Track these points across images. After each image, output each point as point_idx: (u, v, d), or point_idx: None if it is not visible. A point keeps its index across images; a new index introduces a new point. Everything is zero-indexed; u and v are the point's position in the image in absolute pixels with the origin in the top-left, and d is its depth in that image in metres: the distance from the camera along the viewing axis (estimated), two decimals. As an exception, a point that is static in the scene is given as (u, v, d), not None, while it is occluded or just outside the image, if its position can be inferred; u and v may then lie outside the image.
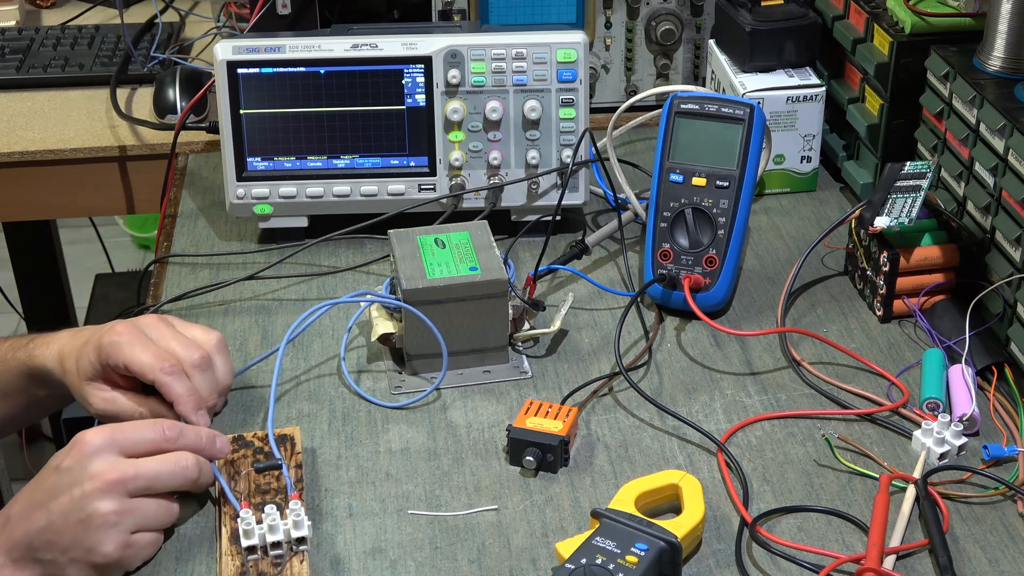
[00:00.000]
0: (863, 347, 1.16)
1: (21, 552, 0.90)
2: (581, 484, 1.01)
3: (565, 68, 1.27)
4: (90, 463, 0.90)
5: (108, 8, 1.84)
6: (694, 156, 1.20)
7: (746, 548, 0.95)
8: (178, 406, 1.01)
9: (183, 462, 0.93)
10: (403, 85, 1.27)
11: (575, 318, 1.21)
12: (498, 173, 1.30)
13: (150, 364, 1.00)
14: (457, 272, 1.11)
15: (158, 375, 1.00)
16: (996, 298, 1.12)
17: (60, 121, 1.56)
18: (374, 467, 1.03)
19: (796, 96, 1.36)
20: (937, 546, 0.93)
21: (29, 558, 0.90)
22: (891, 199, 1.17)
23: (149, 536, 0.92)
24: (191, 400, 1.01)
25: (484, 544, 0.96)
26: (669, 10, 1.54)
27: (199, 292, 1.25)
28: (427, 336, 1.09)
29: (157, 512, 0.92)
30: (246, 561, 0.91)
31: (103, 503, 0.89)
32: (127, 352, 1.00)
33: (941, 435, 1.02)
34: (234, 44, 1.26)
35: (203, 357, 1.03)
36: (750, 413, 1.08)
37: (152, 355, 1.01)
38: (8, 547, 0.91)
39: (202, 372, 1.03)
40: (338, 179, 1.30)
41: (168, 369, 1.00)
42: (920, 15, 1.27)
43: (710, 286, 1.18)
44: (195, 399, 1.01)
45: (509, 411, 1.09)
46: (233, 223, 1.37)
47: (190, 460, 0.93)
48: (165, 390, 1.00)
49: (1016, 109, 1.10)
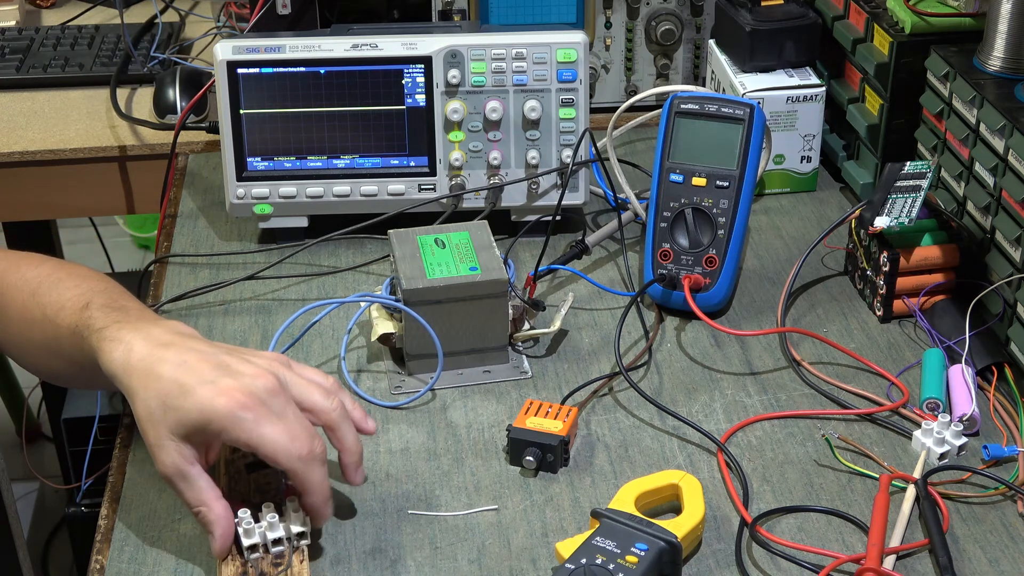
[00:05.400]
0: (863, 347, 1.16)
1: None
2: (581, 484, 1.01)
3: (565, 68, 1.27)
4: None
5: (108, 8, 1.84)
6: (694, 156, 1.20)
7: (746, 548, 0.95)
8: (311, 496, 0.91)
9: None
10: (403, 85, 1.27)
11: (575, 318, 1.21)
12: (498, 173, 1.30)
13: (285, 449, 0.88)
14: (457, 272, 1.11)
15: (295, 463, 0.89)
16: (996, 298, 1.12)
17: (60, 121, 1.56)
18: (374, 467, 1.03)
19: (796, 96, 1.36)
20: (937, 546, 0.93)
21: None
22: (891, 199, 1.17)
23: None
24: (324, 490, 0.91)
25: (484, 544, 0.96)
26: (669, 10, 1.54)
27: (199, 292, 1.25)
28: (427, 336, 1.09)
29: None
30: (246, 561, 0.91)
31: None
32: (253, 432, 0.88)
33: (941, 435, 1.02)
34: (234, 44, 1.26)
35: (340, 413, 0.94)
36: (750, 413, 1.08)
37: (286, 437, 0.89)
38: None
39: (348, 425, 0.94)
40: (338, 179, 1.30)
41: (306, 456, 0.89)
42: (920, 15, 1.27)
43: (710, 286, 1.18)
44: (327, 490, 0.92)
45: (509, 411, 1.09)
46: (233, 223, 1.37)
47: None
48: (299, 478, 0.90)
49: (1016, 109, 1.10)
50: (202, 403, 0.88)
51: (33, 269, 1.04)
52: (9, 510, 1.63)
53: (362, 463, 0.96)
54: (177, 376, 0.89)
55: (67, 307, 0.98)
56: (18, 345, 1.05)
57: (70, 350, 0.98)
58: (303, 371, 0.95)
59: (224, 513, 0.91)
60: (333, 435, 0.94)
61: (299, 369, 0.95)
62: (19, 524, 1.68)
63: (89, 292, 0.99)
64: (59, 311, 0.98)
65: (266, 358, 0.93)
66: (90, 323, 0.95)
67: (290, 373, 0.93)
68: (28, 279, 1.03)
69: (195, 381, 0.89)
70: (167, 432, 0.89)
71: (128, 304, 0.99)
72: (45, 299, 1.00)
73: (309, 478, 0.90)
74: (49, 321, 0.99)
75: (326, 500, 0.92)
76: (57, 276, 1.02)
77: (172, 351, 0.91)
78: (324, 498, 0.91)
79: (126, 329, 0.93)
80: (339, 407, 0.94)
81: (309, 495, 0.91)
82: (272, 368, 0.92)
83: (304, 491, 0.91)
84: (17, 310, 1.02)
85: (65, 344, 0.98)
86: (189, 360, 0.90)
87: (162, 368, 0.90)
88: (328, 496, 0.92)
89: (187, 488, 0.91)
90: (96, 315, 0.96)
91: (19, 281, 1.03)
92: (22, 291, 1.02)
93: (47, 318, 0.99)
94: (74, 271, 1.04)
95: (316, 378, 0.95)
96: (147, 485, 1.01)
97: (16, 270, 1.04)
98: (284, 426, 0.89)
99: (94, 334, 0.94)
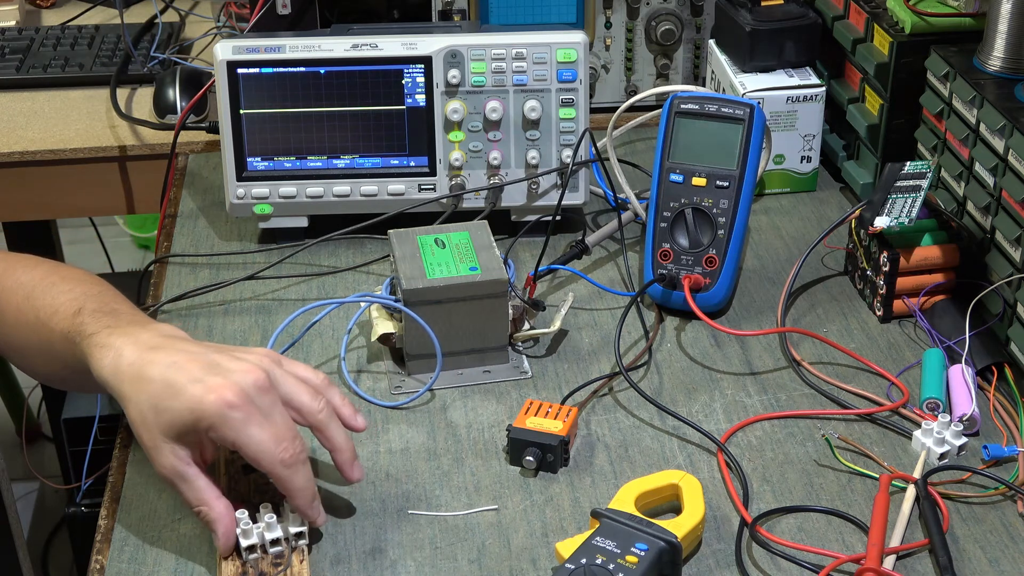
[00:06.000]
0: (863, 347, 1.16)
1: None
2: (581, 484, 1.01)
3: (565, 68, 1.27)
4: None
5: (108, 8, 1.84)
6: (694, 156, 1.20)
7: (746, 548, 0.95)
8: (294, 500, 0.91)
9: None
10: (403, 85, 1.27)
11: (575, 318, 1.21)
12: (498, 173, 1.30)
13: (268, 453, 0.88)
14: (457, 272, 1.11)
15: (277, 467, 0.89)
16: (996, 298, 1.12)
17: (60, 121, 1.56)
18: (374, 467, 1.03)
19: (796, 96, 1.36)
20: (937, 546, 0.93)
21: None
22: (891, 199, 1.17)
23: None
24: (306, 493, 0.91)
25: (484, 544, 0.96)
26: (669, 10, 1.54)
27: (199, 292, 1.25)
28: (427, 336, 1.09)
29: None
30: (245, 561, 0.91)
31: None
32: (241, 432, 0.88)
33: (941, 435, 1.02)
34: (234, 44, 1.26)
35: (328, 413, 0.93)
36: (750, 413, 1.08)
37: (271, 440, 0.89)
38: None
39: (336, 425, 0.94)
40: (338, 179, 1.30)
41: (288, 461, 0.89)
42: (920, 15, 1.27)
43: (710, 286, 1.18)
44: (311, 492, 0.91)
45: (509, 411, 1.09)
46: (233, 223, 1.37)
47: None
48: (281, 482, 0.90)
49: (1016, 109, 1.10)
50: (192, 402, 0.88)
51: (28, 272, 1.04)
52: (9, 510, 1.63)
53: (357, 459, 0.95)
54: (167, 377, 0.89)
55: (60, 312, 0.98)
56: (14, 348, 1.05)
57: (64, 355, 0.98)
58: (293, 367, 0.95)
59: (225, 511, 0.91)
60: (321, 435, 0.94)
61: (289, 366, 0.95)
62: (19, 524, 1.68)
63: (82, 296, 0.99)
64: (52, 315, 0.98)
65: (256, 354, 0.93)
66: (81, 328, 0.95)
67: (280, 370, 0.93)
68: (23, 283, 1.02)
69: (185, 380, 0.89)
70: (161, 434, 0.89)
71: (120, 308, 0.99)
72: (39, 303, 1.00)
73: (291, 482, 0.90)
74: (43, 325, 0.99)
75: (310, 503, 0.91)
76: (51, 280, 1.02)
77: (161, 354, 0.91)
78: (308, 501, 0.91)
79: (116, 334, 0.93)
80: (326, 407, 0.93)
81: (292, 498, 0.91)
82: (262, 364, 0.91)
83: (287, 494, 0.91)
84: (12, 314, 1.02)
85: (59, 349, 0.98)
86: (179, 361, 0.90)
87: (152, 371, 0.90)
88: (311, 499, 0.92)
89: (187, 488, 0.91)
90: (87, 320, 0.96)
91: (14, 284, 1.03)
92: (16, 295, 1.02)
93: (41, 322, 0.99)
94: (68, 274, 1.03)
95: (306, 375, 0.95)
96: (147, 485, 1.01)
97: (11, 273, 1.04)
98: (271, 428, 0.89)
99: (85, 340, 0.94)
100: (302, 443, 0.91)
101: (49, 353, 1.00)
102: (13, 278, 1.03)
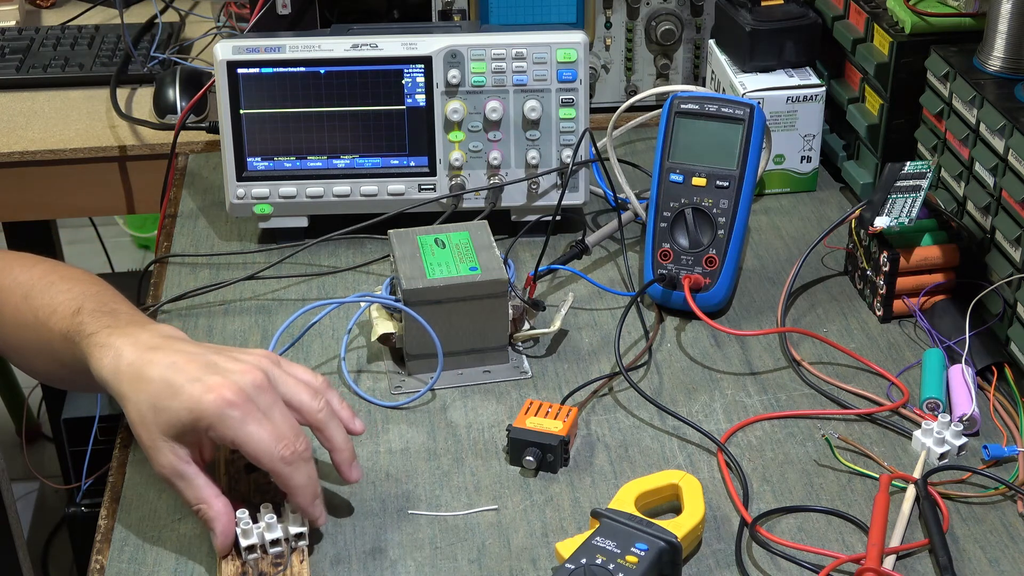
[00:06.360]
0: (863, 347, 1.16)
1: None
2: (581, 484, 1.01)
3: (565, 68, 1.27)
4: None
5: (108, 8, 1.84)
6: (694, 156, 1.20)
7: (746, 548, 0.95)
8: (295, 498, 0.91)
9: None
10: (403, 85, 1.27)
11: (575, 318, 1.21)
12: (498, 173, 1.30)
13: (268, 451, 0.88)
14: (457, 272, 1.11)
15: (277, 464, 0.89)
16: (996, 298, 1.12)
17: (60, 121, 1.56)
18: (374, 467, 1.03)
19: (796, 96, 1.36)
20: (937, 546, 0.93)
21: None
22: (891, 199, 1.17)
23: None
24: (308, 492, 0.91)
25: (484, 544, 0.96)
26: (669, 10, 1.54)
27: (199, 292, 1.25)
28: (427, 336, 1.09)
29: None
30: (245, 561, 0.91)
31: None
32: (239, 430, 0.88)
33: (941, 435, 1.02)
34: (234, 44, 1.26)
35: (327, 413, 0.93)
36: (750, 413, 1.08)
37: (271, 437, 0.88)
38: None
39: (336, 425, 0.94)
40: (338, 179, 1.30)
41: (289, 458, 0.89)
42: (920, 15, 1.27)
43: (710, 286, 1.18)
44: (312, 490, 0.91)
45: (509, 411, 1.09)
46: (233, 223, 1.37)
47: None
48: (282, 480, 0.90)
49: (1016, 109, 1.10)
50: (191, 401, 0.88)
51: (26, 272, 1.03)
52: (9, 510, 1.63)
53: (356, 459, 0.96)
54: (166, 377, 0.89)
55: (59, 311, 0.98)
56: (13, 348, 1.05)
57: (63, 354, 0.98)
58: (292, 369, 0.95)
59: (224, 510, 0.91)
60: (321, 435, 0.94)
61: (288, 367, 0.95)
62: (19, 524, 1.68)
63: (81, 296, 0.99)
64: (51, 315, 0.98)
65: (255, 355, 0.93)
66: (81, 328, 0.95)
67: (278, 370, 0.93)
68: (21, 282, 1.02)
69: (183, 380, 0.89)
70: (160, 433, 0.89)
71: (119, 307, 0.99)
72: (37, 303, 1.00)
73: (293, 480, 0.90)
74: (42, 325, 0.99)
75: (311, 501, 0.91)
76: (49, 279, 1.02)
77: (160, 354, 0.91)
78: (310, 499, 0.91)
79: (115, 335, 0.93)
80: (326, 407, 0.93)
81: (293, 496, 0.91)
82: (260, 364, 0.92)
83: (288, 492, 0.91)
84: (10, 313, 1.02)
85: (58, 348, 0.98)
86: (178, 361, 0.90)
87: (151, 371, 0.90)
88: (314, 497, 0.91)
89: (186, 487, 0.91)
90: (87, 320, 0.96)
91: (11, 284, 1.03)
92: (14, 294, 1.02)
93: (39, 322, 0.99)
94: (67, 274, 1.03)
95: (305, 376, 0.95)
96: (147, 485, 1.01)
97: (8, 272, 1.04)
98: (270, 426, 0.89)
99: (84, 340, 0.94)
100: (306, 441, 0.91)
101: (48, 353, 1.00)
102: (11, 277, 1.03)
